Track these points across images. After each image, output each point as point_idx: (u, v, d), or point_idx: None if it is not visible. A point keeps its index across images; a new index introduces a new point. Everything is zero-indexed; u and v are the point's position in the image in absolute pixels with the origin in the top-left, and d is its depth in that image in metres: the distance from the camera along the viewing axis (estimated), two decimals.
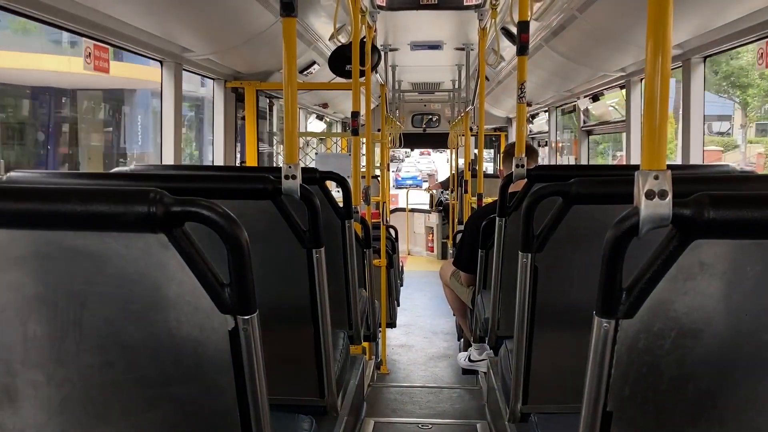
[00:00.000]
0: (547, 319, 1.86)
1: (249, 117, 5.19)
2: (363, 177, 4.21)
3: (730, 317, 0.99)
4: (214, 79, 4.93)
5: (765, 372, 1.03)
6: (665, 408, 1.04)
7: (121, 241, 1.01)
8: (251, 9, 3.65)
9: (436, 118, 11.38)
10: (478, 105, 5.58)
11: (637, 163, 1.04)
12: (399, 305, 6.02)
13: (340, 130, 10.50)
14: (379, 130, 6.63)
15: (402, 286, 6.66)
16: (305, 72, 5.60)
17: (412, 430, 3.79)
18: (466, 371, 4.56)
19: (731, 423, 1.05)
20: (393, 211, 11.97)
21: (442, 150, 18.66)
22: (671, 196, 0.95)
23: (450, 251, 8.93)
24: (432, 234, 12.16)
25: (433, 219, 12.07)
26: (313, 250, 1.79)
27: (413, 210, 12.62)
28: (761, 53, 3.03)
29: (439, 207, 11.90)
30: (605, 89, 5.60)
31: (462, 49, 7.00)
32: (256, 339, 1.06)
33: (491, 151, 12.77)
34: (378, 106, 7.92)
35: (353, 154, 3.87)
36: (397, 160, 27.80)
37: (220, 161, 5.07)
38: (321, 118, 9.64)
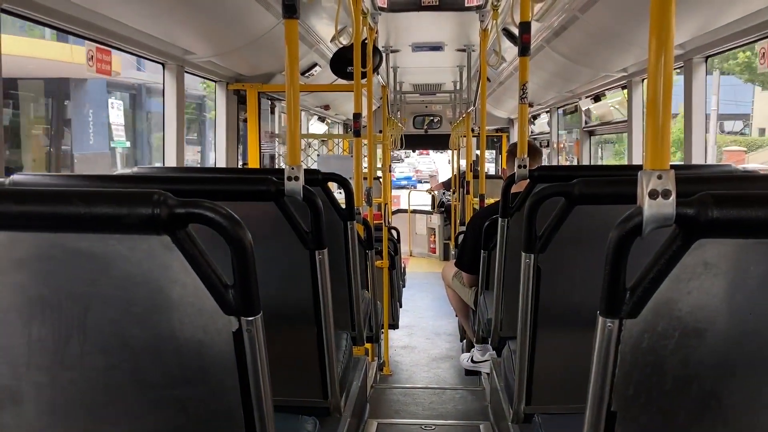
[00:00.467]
0: (550, 320, 1.86)
1: (251, 119, 5.20)
2: (365, 178, 4.21)
3: (734, 317, 0.99)
4: (216, 81, 4.94)
5: None
6: (669, 408, 1.04)
7: (125, 243, 1.01)
8: (253, 11, 3.66)
9: (437, 119, 11.37)
10: (479, 106, 5.57)
11: (640, 163, 1.04)
12: (401, 306, 6.03)
13: (341, 131, 10.51)
14: (381, 131, 6.63)
15: (404, 287, 6.66)
16: (307, 74, 5.60)
17: (414, 431, 3.79)
18: (468, 372, 4.55)
19: (735, 422, 1.05)
20: (395, 213, 11.96)
21: (441, 150, 18.63)
22: (675, 195, 0.95)
23: (452, 252, 8.93)
24: (434, 235, 12.16)
25: (435, 220, 12.07)
26: (316, 251, 1.79)
27: (415, 211, 12.62)
28: (763, 53, 3.03)
29: (441, 208, 11.90)
30: (607, 90, 5.60)
31: (463, 50, 7.00)
32: (260, 340, 1.06)
33: (493, 152, 12.76)
34: (379, 107, 7.91)
35: (355, 155, 3.87)
36: (397, 160, 27.18)
37: (222, 163, 5.08)
38: (322, 119, 9.65)
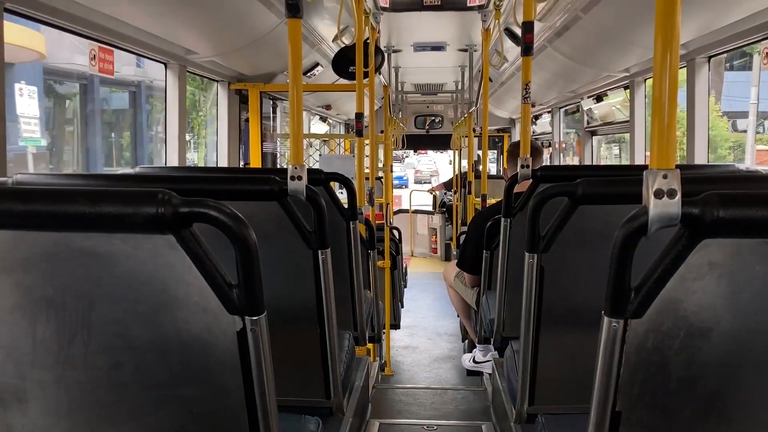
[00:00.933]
0: (554, 320, 1.86)
1: (253, 118, 5.20)
2: (367, 178, 4.21)
3: (739, 316, 0.99)
4: (218, 81, 4.94)
5: None
6: (674, 407, 1.04)
7: (130, 243, 1.01)
8: (255, 11, 3.66)
9: (439, 119, 11.36)
10: (481, 106, 5.57)
11: (641, 164, 1.04)
12: (403, 306, 6.03)
13: (342, 131, 10.50)
14: (383, 131, 6.63)
15: (406, 287, 6.66)
16: (309, 74, 5.60)
17: (416, 431, 3.79)
18: (470, 372, 4.55)
19: (740, 422, 1.05)
20: (396, 213, 11.96)
21: (441, 150, 18.62)
22: (680, 195, 0.95)
23: (453, 252, 8.92)
24: (435, 235, 12.15)
25: (437, 220, 12.07)
26: (319, 251, 1.78)
27: (416, 211, 12.61)
28: (766, 52, 3.03)
29: (443, 208, 11.89)
30: (609, 90, 5.59)
31: (465, 51, 6.99)
32: (264, 340, 1.06)
33: (494, 152, 12.76)
34: (381, 107, 7.91)
35: (357, 155, 3.87)
36: (397, 160, 27.13)
37: (223, 163, 5.08)
38: (324, 119, 9.65)
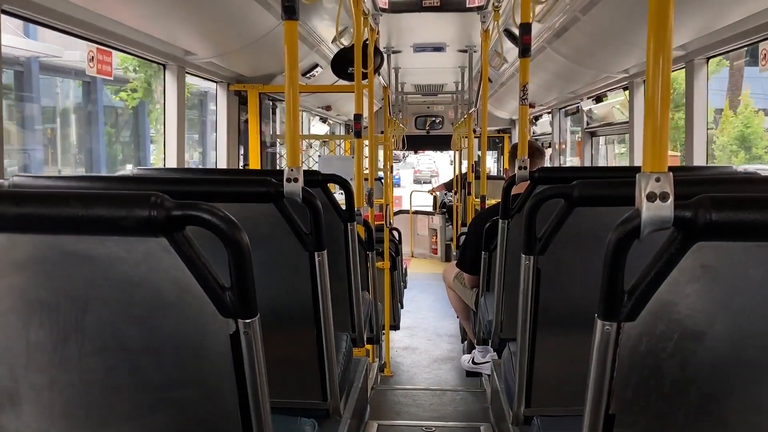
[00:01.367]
0: (550, 322, 1.86)
1: (252, 120, 5.20)
2: (366, 179, 4.21)
3: (732, 320, 0.99)
4: (217, 82, 4.94)
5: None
6: (668, 411, 1.04)
7: (123, 245, 1.01)
8: (254, 12, 3.66)
9: (439, 120, 11.37)
10: (481, 107, 5.57)
11: (640, 165, 1.04)
12: (402, 307, 6.02)
13: (343, 132, 10.51)
14: (383, 132, 6.64)
15: (405, 288, 6.66)
16: (308, 75, 5.60)
17: None
18: (469, 373, 4.55)
19: (734, 426, 1.05)
20: (396, 213, 11.96)
21: (441, 150, 18.60)
22: (673, 198, 0.95)
23: (453, 253, 8.92)
24: (435, 236, 12.15)
25: (437, 221, 12.07)
26: (316, 253, 1.79)
27: (416, 212, 12.61)
28: (764, 54, 3.03)
29: (443, 209, 11.89)
30: (608, 90, 5.59)
31: (465, 51, 7.00)
32: (257, 342, 1.06)
33: (494, 153, 12.76)
34: (381, 108, 7.92)
35: (356, 156, 3.87)
36: (397, 160, 27.06)
37: (222, 164, 5.08)
38: (324, 120, 9.65)
